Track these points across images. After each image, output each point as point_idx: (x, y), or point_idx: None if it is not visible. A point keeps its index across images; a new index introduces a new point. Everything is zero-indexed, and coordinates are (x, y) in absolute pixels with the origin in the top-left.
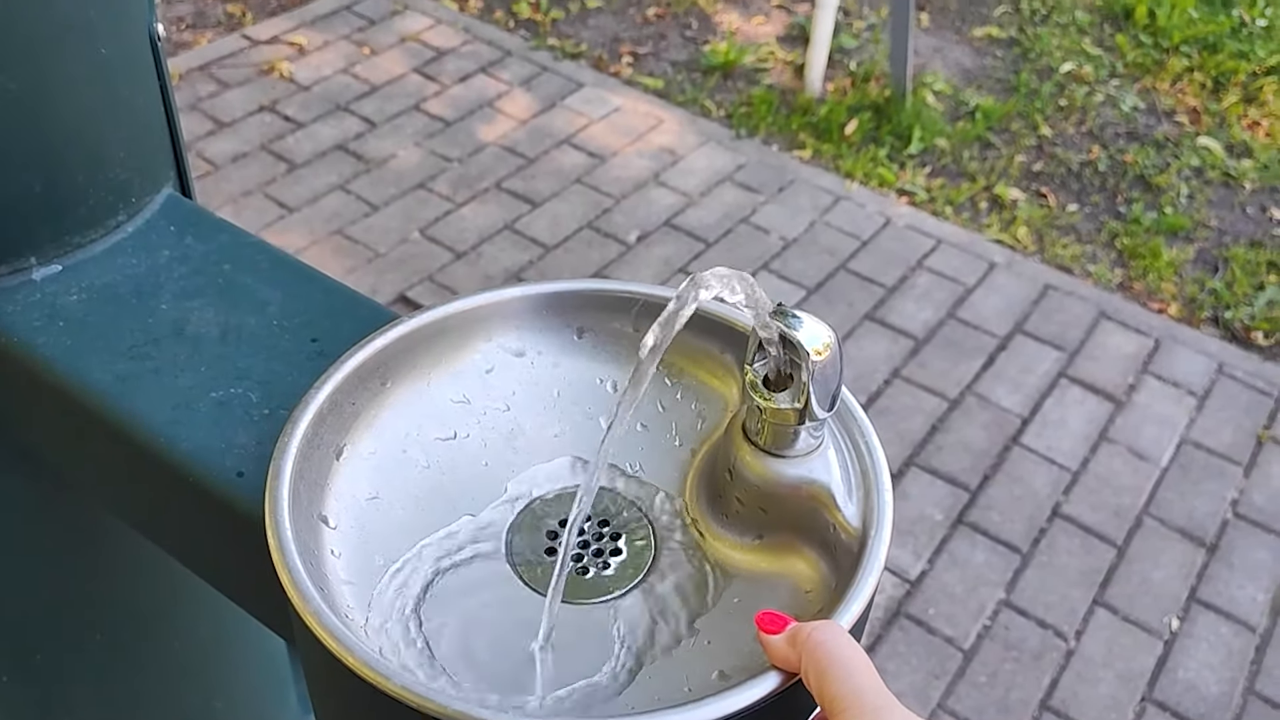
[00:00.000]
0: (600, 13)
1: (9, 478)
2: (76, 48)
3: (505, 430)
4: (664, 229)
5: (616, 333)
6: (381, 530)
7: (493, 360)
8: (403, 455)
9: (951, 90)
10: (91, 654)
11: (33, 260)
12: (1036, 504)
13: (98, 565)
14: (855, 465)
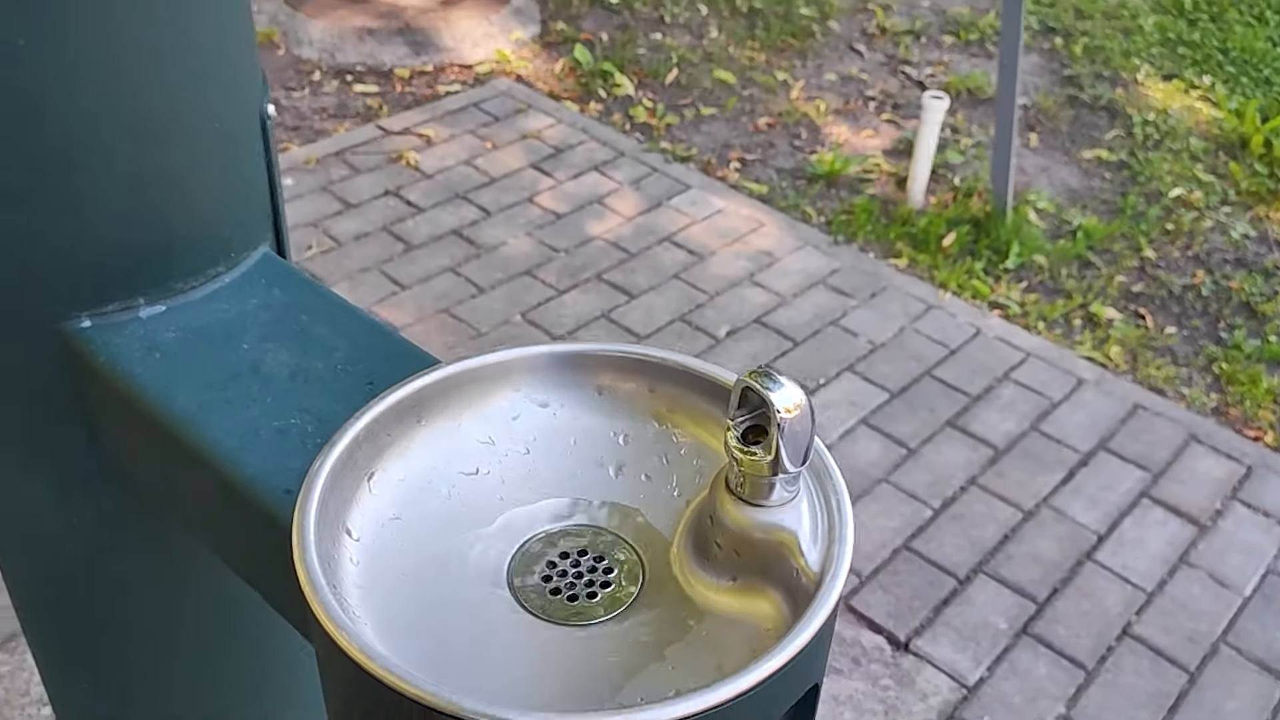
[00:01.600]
0: (714, 120)
1: (107, 498)
2: (195, 124)
3: (523, 471)
4: (754, 326)
5: (632, 392)
6: (399, 546)
7: (519, 409)
8: (428, 484)
9: (1055, 209)
10: (161, 665)
11: (141, 300)
12: (1106, 621)
13: (175, 582)
14: (824, 518)
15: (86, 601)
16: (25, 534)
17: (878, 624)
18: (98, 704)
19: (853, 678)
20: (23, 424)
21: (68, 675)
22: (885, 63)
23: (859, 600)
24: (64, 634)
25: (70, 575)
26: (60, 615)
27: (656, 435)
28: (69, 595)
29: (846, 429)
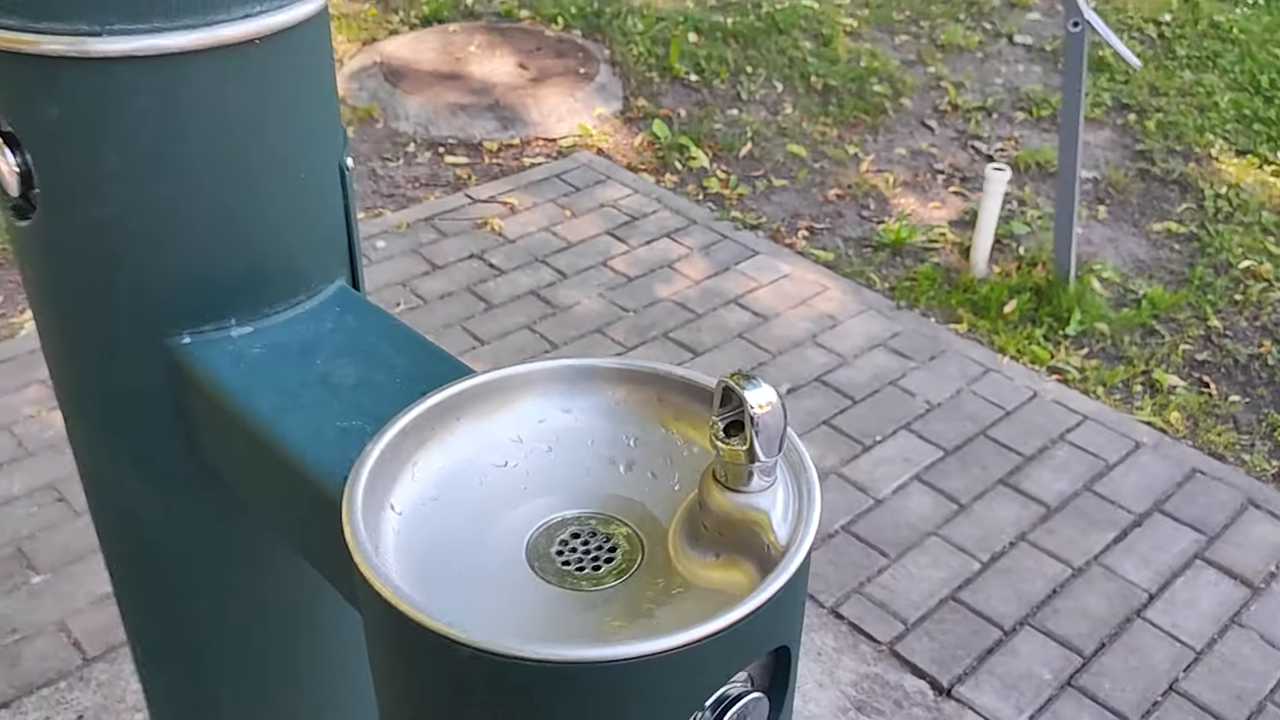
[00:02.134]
0: (784, 190)
1: (201, 496)
2: (286, 175)
3: (546, 464)
4: (814, 384)
5: (643, 401)
6: (435, 522)
7: (545, 413)
8: (463, 472)
9: (1120, 278)
10: (245, 655)
11: (233, 321)
12: (1153, 677)
13: (255, 573)
14: (795, 503)
15: (180, 592)
16: (128, 531)
17: (921, 669)
18: (187, 691)
19: (893, 719)
20: (131, 431)
21: (163, 665)
22: (955, 138)
23: (903, 646)
24: (159, 625)
25: (166, 567)
26: (157, 606)
27: (663, 439)
28: (165, 587)
29: (900, 484)
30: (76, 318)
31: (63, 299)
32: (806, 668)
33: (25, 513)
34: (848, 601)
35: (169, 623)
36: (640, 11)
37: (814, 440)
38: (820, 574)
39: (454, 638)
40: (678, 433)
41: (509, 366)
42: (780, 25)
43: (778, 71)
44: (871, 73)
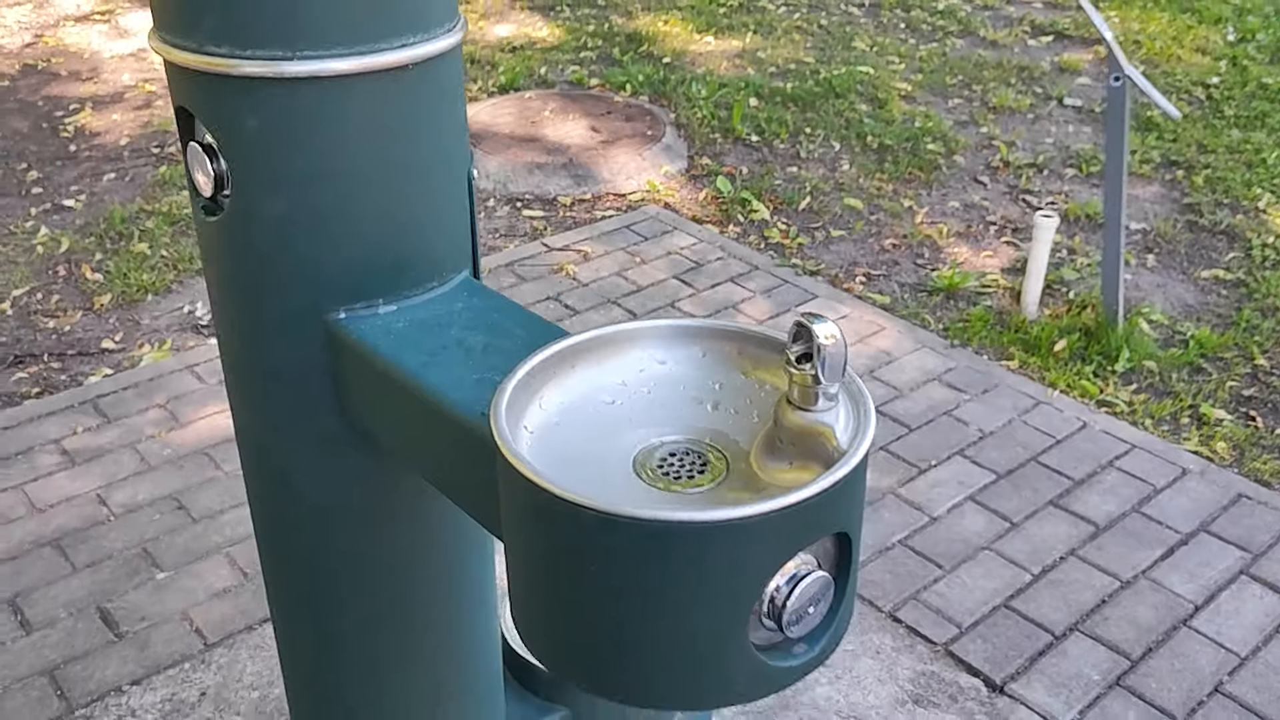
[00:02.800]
0: (842, 241)
1: (347, 454)
2: (424, 180)
3: (645, 404)
4: None
5: (727, 353)
6: (559, 440)
7: (645, 363)
8: (579, 405)
9: (1168, 321)
10: (379, 601)
11: (380, 301)
12: (1198, 679)
13: (398, 525)
14: (853, 419)
15: (318, 542)
16: (278, 489)
17: (975, 668)
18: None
19: (949, 712)
20: (290, 397)
21: (295, 608)
22: (1007, 192)
23: (958, 647)
24: (296, 571)
25: (308, 520)
26: (296, 555)
27: (743, 383)
28: (305, 538)
29: (954, 504)
30: (252, 299)
31: (240, 283)
32: (866, 665)
33: (149, 519)
34: (905, 607)
35: (305, 569)
36: (704, 79)
37: (872, 464)
38: (878, 582)
39: (581, 503)
40: (755, 378)
41: (612, 326)
42: (837, 90)
43: (835, 132)
44: (925, 133)
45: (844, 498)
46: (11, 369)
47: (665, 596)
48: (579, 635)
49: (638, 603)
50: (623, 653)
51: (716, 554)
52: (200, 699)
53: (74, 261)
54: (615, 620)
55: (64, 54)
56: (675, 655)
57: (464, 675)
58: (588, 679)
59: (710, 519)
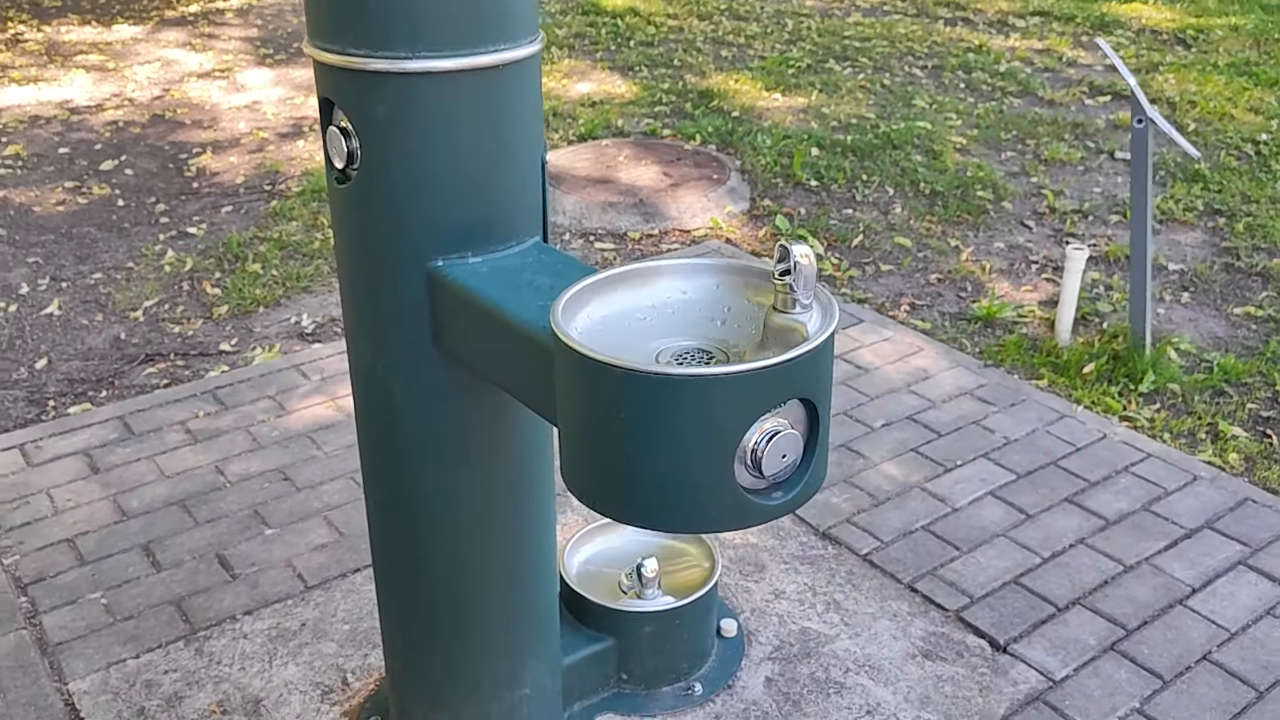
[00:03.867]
0: (891, 274)
1: (440, 377)
2: (507, 160)
3: (669, 319)
4: (904, 421)
5: (739, 285)
6: (599, 339)
7: (670, 292)
8: (617, 319)
9: (1196, 350)
10: (461, 510)
11: (469, 254)
12: (1188, 648)
13: (480, 440)
14: (823, 321)
15: (414, 456)
16: (383, 411)
17: (982, 630)
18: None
19: (955, 665)
20: (397, 330)
21: (391, 519)
22: (1051, 235)
23: (968, 613)
24: (397, 489)
25: (407, 436)
26: (393, 471)
27: (747, 307)
28: (403, 453)
29: (974, 498)
30: (370, 251)
31: (362, 238)
32: (883, 625)
33: (259, 487)
34: (922, 580)
35: (402, 481)
36: (769, 130)
37: (901, 463)
38: (900, 559)
39: (610, 362)
40: (756, 303)
41: (647, 261)
42: (894, 142)
43: (890, 179)
44: (976, 181)
45: (808, 370)
46: (143, 365)
47: (669, 435)
48: (606, 471)
49: (650, 441)
50: (637, 483)
51: (705, 401)
52: (300, 628)
53: (196, 279)
54: (633, 456)
55: (188, 105)
56: (676, 486)
57: (527, 593)
58: (612, 506)
59: (700, 373)
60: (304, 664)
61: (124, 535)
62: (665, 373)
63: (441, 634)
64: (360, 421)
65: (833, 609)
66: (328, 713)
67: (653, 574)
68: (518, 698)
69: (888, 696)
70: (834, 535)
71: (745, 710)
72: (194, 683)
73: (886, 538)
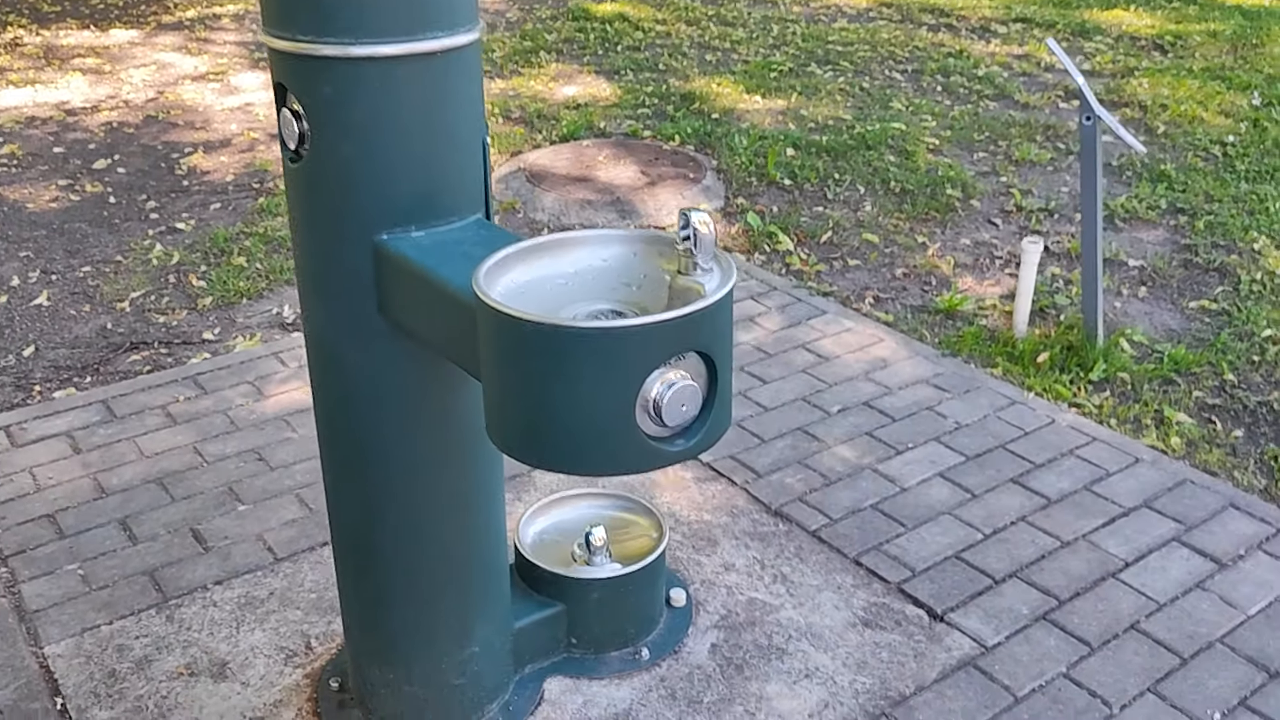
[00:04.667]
0: (857, 269)
1: (387, 344)
2: (448, 141)
3: (589, 283)
4: (860, 407)
5: (653, 253)
6: (520, 300)
7: (591, 260)
8: (539, 283)
9: (1148, 341)
10: (411, 457)
11: (413, 228)
12: (1117, 618)
13: (427, 408)
14: (720, 280)
15: (365, 417)
16: (336, 376)
17: (921, 600)
18: (362, 500)
19: (893, 632)
20: (346, 299)
21: (347, 479)
22: (1017, 232)
23: (909, 586)
24: (348, 446)
25: (359, 400)
26: (347, 431)
27: (661, 274)
28: (355, 415)
29: (923, 478)
30: (321, 225)
31: (314, 213)
32: (827, 596)
33: (234, 466)
34: (867, 554)
35: (355, 445)
36: (747, 131)
37: (855, 445)
38: (847, 535)
39: (520, 315)
40: (667, 268)
41: (571, 232)
42: (869, 143)
43: (862, 179)
44: (947, 180)
45: (704, 325)
46: (128, 353)
47: (575, 384)
48: (521, 421)
49: (558, 390)
50: (549, 431)
51: (605, 352)
52: (269, 596)
53: (182, 272)
54: (544, 405)
55: (181, 107)
56: (584, 433)
57: (476, 554)
58: (529, 453)
59: (598, 326)
60: (270, 630)
61: (102, 511)
62: (567, 325)
63: (393, 592)
64: (315, 387)
65: (779, 581)
66: (290, 674)
67: (600, 542)
68: (467, 655)
69: (826, 661)
70: (785, 513)
71: (689, 673)
72: (164, 647)
73: (836, 515)
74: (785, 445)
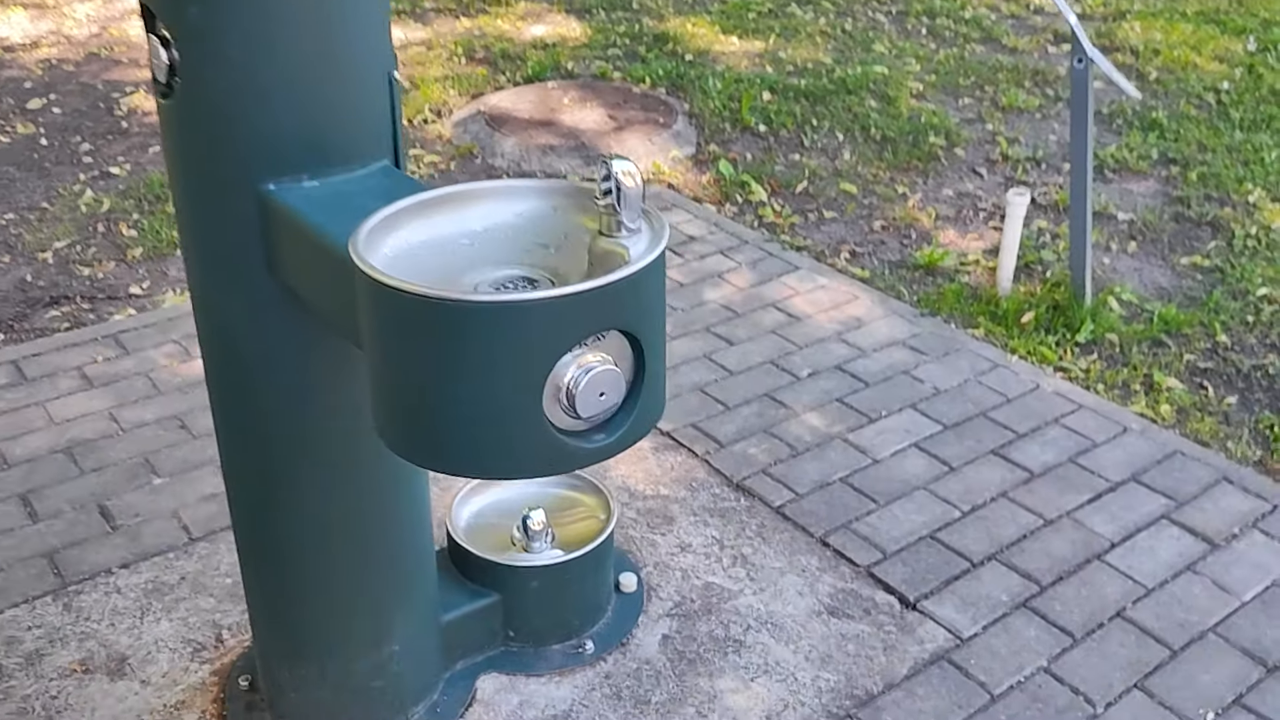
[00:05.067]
0: (834, 222)
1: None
2: (345, 75)
3: (498, 244)
4: (832, 370)
5: (575, 208)
6: (412, 264)
7: (500, 216)
8: (439, 242)
9: (1138, 300)
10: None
11: (305, 176)
12: (1102, 605)
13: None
14: (649, 244)
15: (257, 386)
16: (224, 342)
17: (892, 587)
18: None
19: (861, 622)
20: (230, 258)
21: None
22: (1002, 183)
23: (879, 569)
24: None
25: (249, 368)
26: (245, 397)
27: (582, 232)
28: (247, 383)
29: (898, 449)
30: (196, 171)
31: (188, 157)
32: (790, 580)
33: (153, 434)
34: (835, 534)
35: (248, 413)
36: (721, 74)
37: (824, 413)
38: (813, 512)
39: (397, 285)
40: (585, 232)
41: (483, 182)
42: (849, 87)
43: (841, 125)
44: (930, 127)
45: (626, 299)
46: (47, 308)
47: (469, 369)
48: (407, 411)
49: (450, 376)
50: (441, 425)
51: (505, 331)
52: (179, 582)
53: (113, 220)
54: (433, 394)
55: (126, 44)
56: (483, 426)
57: (393, 543)
58: (418, 452)
59: (495, 300)
60: (178, 620)
61: (2, 485)
62: (456, 299)
63: (300, 584)
64: (204, 355)
65: (739, 563)
66: (197, 671)
67: (540, 526)
68: (386, 654)
69: (787, 655)
70: (748, 487)
71: (637, 669)
72: (58, 640)
73: (802, 490)
74: (751, 413)
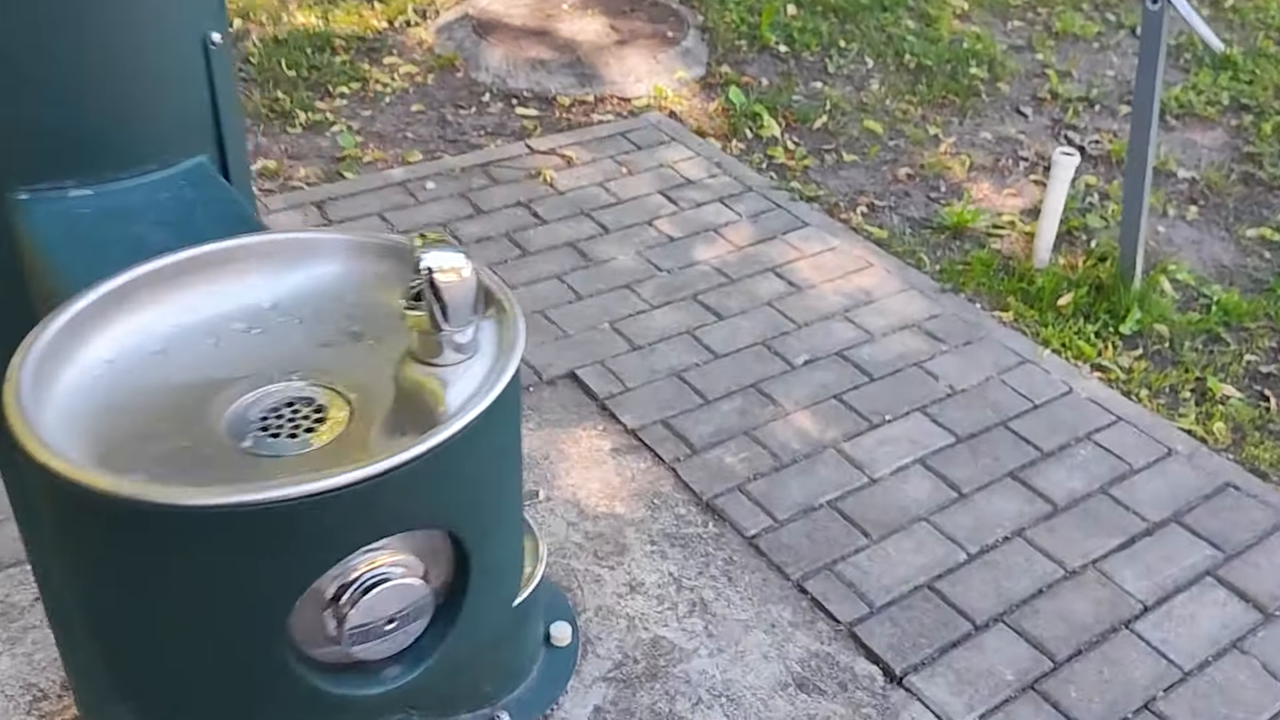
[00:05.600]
0: (853, 166)
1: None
2: (124, 46)
3: (279, 330)
4: (833, 358)
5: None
6: (135, 377)
7: (286, 285)
8: (198, 329)
9: (1195, 281)
10: None
11: (72, 183)
12: (1127, 692)
13: None
14: (483, 380)
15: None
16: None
17: (876, 654)
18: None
19: (835, 701)
20: None
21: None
22: (1049, 126)
23: (863, 628)
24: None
25: None
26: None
27: (388, 310)
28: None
29: (900, 465)
30: None
31: None
32: (756, 639)
33: None
34: (815, 577)
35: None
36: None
37: (818, 413)
38: (792, 546)
39: (59, 470)
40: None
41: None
42: (885, 3)
43: (871, 47)
44: (972, 55)
45: (434, 482)
46: None
47: (178, 588)
48: (98, 658)
49: (151, 610)
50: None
51: (212, 547)
52: (32, 604)
53: None
54: (120, 619)
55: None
56: (206, 679)
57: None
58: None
59: (210, 504)
60: (21, 657)
61: None
62: (154, 502)
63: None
64: None
65: (697, 611)
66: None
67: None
68: None
69: None
70: (718, 508)
71: None
72: None
73: (782, 515)
74: (732, 409)
